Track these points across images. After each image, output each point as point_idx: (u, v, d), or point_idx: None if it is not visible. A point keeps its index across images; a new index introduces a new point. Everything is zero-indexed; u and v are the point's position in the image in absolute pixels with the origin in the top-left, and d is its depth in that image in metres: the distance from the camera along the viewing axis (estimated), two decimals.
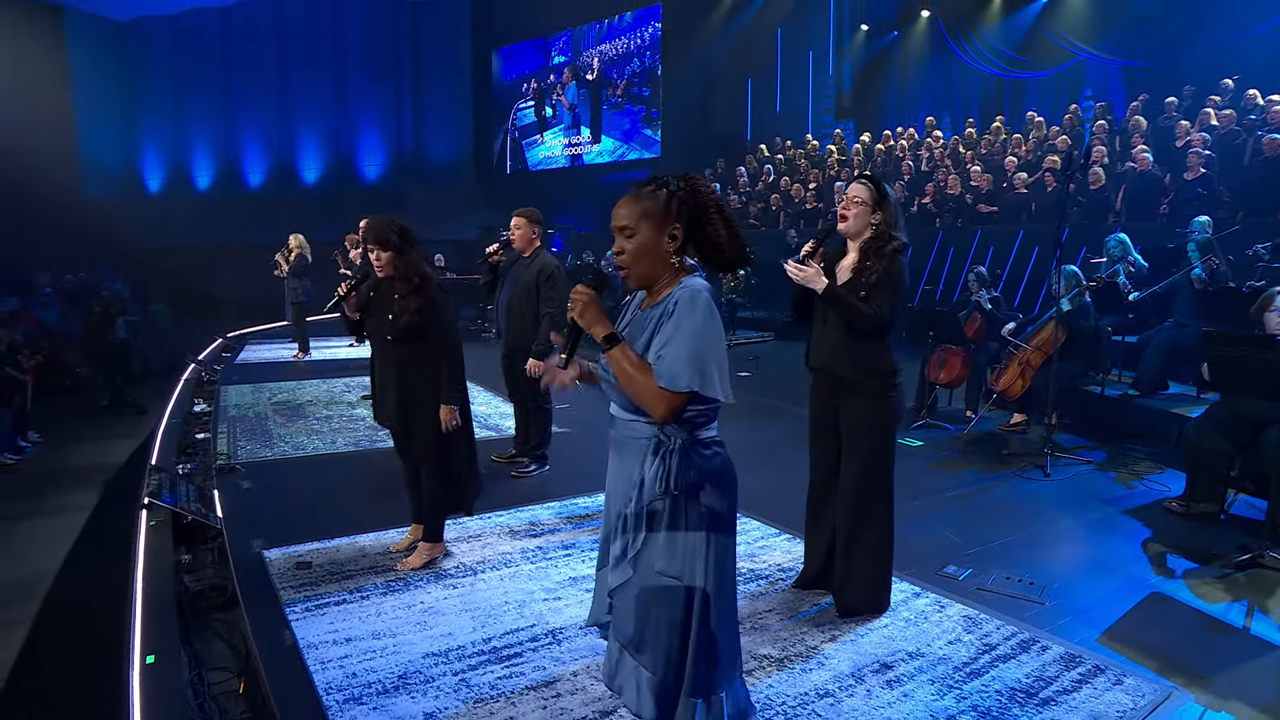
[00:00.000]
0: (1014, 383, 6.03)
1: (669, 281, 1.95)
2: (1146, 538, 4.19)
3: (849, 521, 3.23)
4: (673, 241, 1.92)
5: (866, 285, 3.09)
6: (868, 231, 3.16)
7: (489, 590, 3.52)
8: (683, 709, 1.93)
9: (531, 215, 5.13)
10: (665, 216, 1.91)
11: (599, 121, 18.92)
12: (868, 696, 2.70)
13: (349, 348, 11.21)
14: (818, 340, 3.26)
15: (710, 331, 1.85)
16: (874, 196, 3.14)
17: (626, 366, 1.87)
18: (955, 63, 14.55)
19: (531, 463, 5.27)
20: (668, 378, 1.83)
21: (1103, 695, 2.70)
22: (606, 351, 1.90)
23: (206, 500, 4.69)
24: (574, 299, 1.92)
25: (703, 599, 1.91)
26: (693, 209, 1.93)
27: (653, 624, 1.92)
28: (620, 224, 1.94)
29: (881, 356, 3.16)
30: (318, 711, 2.64)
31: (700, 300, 1.86)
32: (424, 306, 3.60)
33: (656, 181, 1.95)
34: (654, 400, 1.85)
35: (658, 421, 1.88)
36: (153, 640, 3.15)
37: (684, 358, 1.83)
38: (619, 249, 1.94)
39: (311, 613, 3.31)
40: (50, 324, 14.51)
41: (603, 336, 1.90)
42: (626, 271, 1.95)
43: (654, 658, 1.93)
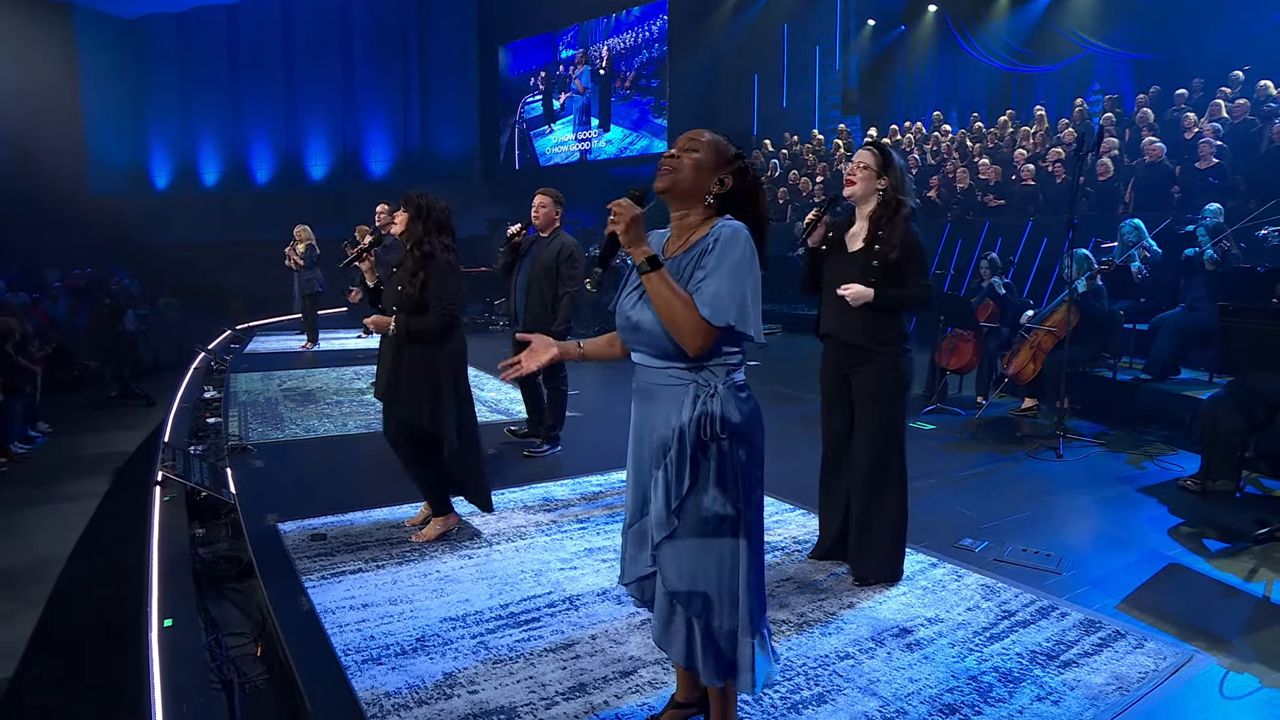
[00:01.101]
0: (1025, 366, 6.02)
1: (700, 222, 1.95)
2: (1162, 514, 4.17)
3: (864, 490, 3.23)
4: (719, 185, 1.94)
5: (886, 257, 3.10)
6: (875, 197, 3.17)
7: (505, 560, 3.51)
8: (741, 648, 1.94)
9: (555, 195, 5.15)
10: (726, 162, 1.96)
11: (608, 112, 18.94)
12: (888, 659, 2.69)
13: (356, 339, 11.24)
14: (828, 309, 3.27)
15: (751, 270, 1.85)
16: (879, 161, 3.16)
17: (667, 293, 1.83)
18: (962, 57, 14.52)
19: (544, 443, 5.27)
20: (710, 309, 1.82)
21: (1124, 658, 2.68)
22: (646, 274, 1.85)
23: (219, 478, 4.71)
24: (617, 212, 1.85)
25: (748, 538, 1.93)
26: (750, 187, 1.99)
27: (705, 570, 1.93)
28: (690, 138, 1.96)
29: (894, 322, 3.19)
30: (336, 671, 2.64)
31: (742, 237, 1.87)
32: (425, 279, 3.61)
33: (734, 143, 2.01)
34: (692, 331, 1.83)
35: (690, 356, 1.87)
36: (170, 606, 3.16)
37: (727, 292, 1.82)
38: (673, 154, 1.95)
39: (328, 580, 3.31)
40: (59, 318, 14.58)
41: (645, 258, 1.85)
42: (668, 175, 1.94)
43: (708, 604, 1.93)
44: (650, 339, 1.93)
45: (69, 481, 7.72)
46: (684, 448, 1.91)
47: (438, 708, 2.40)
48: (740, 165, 1.97)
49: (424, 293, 3.63)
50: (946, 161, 11.91)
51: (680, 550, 1.94)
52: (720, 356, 1.91)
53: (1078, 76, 13.05)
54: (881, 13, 15.61)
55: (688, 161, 1.93)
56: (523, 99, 21.11)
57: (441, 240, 3.70)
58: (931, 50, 15.02)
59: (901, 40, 15.52)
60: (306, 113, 23.87)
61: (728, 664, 1.96)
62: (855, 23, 16.00)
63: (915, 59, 15.33)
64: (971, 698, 2.46)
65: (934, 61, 15.03)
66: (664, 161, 1.96)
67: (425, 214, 3.67)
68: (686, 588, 1.95)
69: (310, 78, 23.67)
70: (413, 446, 3.71)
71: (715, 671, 1.96)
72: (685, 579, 1.95)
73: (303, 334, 11.06)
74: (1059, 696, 2.46)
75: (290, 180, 23.98)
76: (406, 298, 3.64)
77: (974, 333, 6.57)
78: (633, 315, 1.97)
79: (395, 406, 3.74)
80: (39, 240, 20.27)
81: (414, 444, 3.71)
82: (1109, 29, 12.28)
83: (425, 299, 3.62)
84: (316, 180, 23.85)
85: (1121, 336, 6.33)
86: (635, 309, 1.96)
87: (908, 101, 15.45)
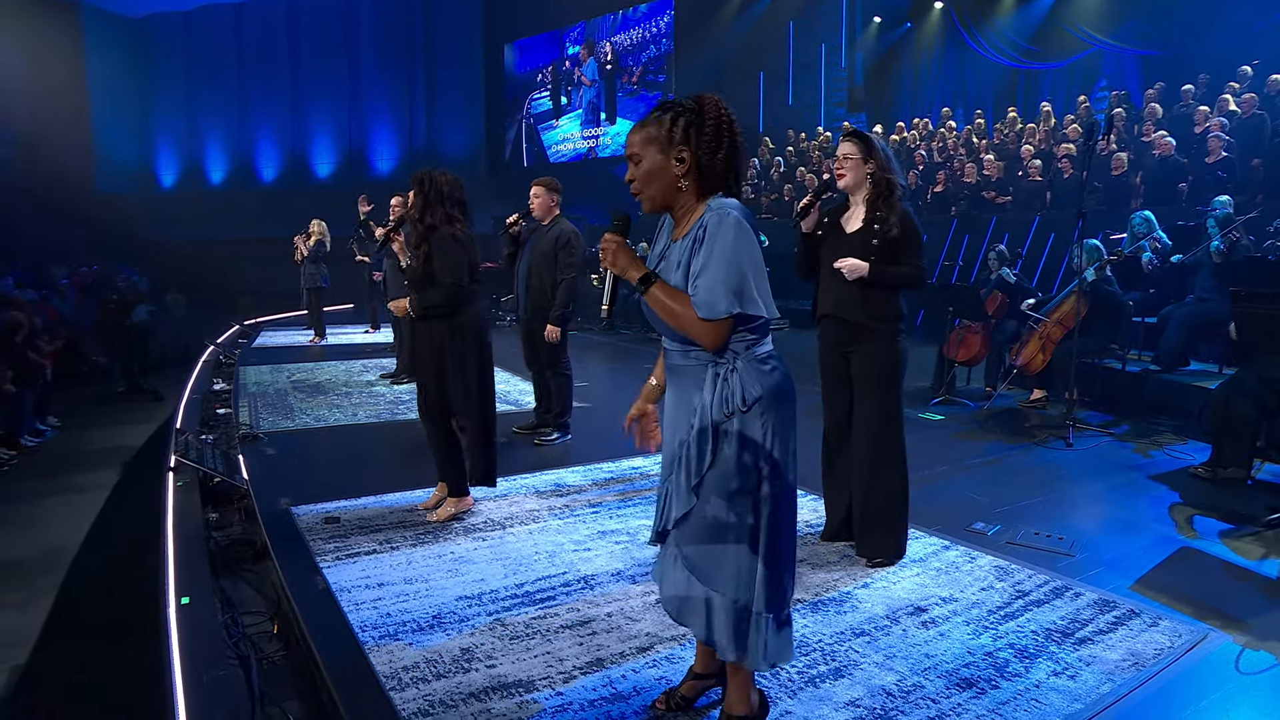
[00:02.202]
0: (1035, 357, 6.02)
1: (692, 206, 1.95)
2: (1174, 500, 4.17)
3: (866, 468, 3.28)
4: (680, 165, 1.91)
5: (884, 236, 3.17)
6: (866, 183, 3.25)
7: (519, 542, 3.53)
8: (755, 625, 1.94)
9: (550, 184, 5.18)
10: (669, 141, 1.90)
11: (614, 106, 18.97)
12: (904, 635, 2.70)
13: (364, 334, 11.28)
14: (827, 288, 3.33)
15: (741, 250, 1.84)
16: (861, 148, 3.24)
17: (667, 303, 1.89)
18: (968, 54, 14.49)
19: (554, 431, 5.28)
20: (706, 307, 1.84)
21: (1139, 636, 2.69)
22: (645, 293, 1.92)
23: (232, 464, 4.73)
24: (604, 249, 1.94)
25: (770, 512, 1.93)
26: (702, 131, 1.90)
27: (722, 545, 1.93)
28: (629, 151, 1.96)
29: (892, 301, 3.27)
30: (354, 647, 2.66)
31: (728, 220, 1.85)
32: (428, 252, 3.63)
33: (665, 105, 1.95)
34: (699, 332, 1.87)
35: (709, 349, 1.89)
36: (186, 586, 3.18)
37: (719, 283, 1.83)
38: (630, 176, 1.96)
39: (342, 561, 3.33)
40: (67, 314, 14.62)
41: (638, 279, 1.92)
42: (639, 196, 1.97)
43: (725, 578, 1.94)
44: (667, 325, 1.96)
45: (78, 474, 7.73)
46: (705, 425, 1.93)
47: (456, 681, 2.41)
48: (682, 126, 1.90)
49: (428, 266, 3.65)
50: (953, 158, 11.91)
51: (699, 526, 1.96)
52: (737, 333, 1.91)
53: (1084, 73, 13.02)
54: (887, 10, 15.60)
55: (640, 176, 1.94)
56: (529, 95, 21.12)
57: (446, 212, 3.68)
58: (938, 47, 15.01)
59: (907, 37, 15.50)
60: (312, 110, 23.93)
61: (743, 639, 1.96)
62: (861, 20, 15.99)
63: (921, 56, 15.32)
64: (988, 672, 2.46)
65: (940, 59, 15.01)
66: (631, 188, 1.98)
67: (428, 188, 3.69)
68: (704, 564, 1.96)
69: (316, 76, 23.73)
70: (435, 423, 3.74)
71: (730, 646, 1.97)
72: (703, 555, 1.96)
73: (310, 329, 11.10)
74: (1075, 671, 2.47)
75: (296, 178, 24.03)
76: (414, 273, 3.67)
77: (982, 325, 6.57)
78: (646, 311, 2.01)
79: (420, 383, 3.77)
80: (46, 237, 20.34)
81: (435, 420, 3.73)
82: (1115, 25, 12.26)
83: (430, 272, 3.64)
84: (322, 178, 23.91)
85: (1130, 328, 6.33)
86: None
87: (913, 99, 15.43)
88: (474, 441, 3.82)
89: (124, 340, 11.17)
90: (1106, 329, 6.05)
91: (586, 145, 19.90)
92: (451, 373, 3.71)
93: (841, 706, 2.28)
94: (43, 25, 21.83)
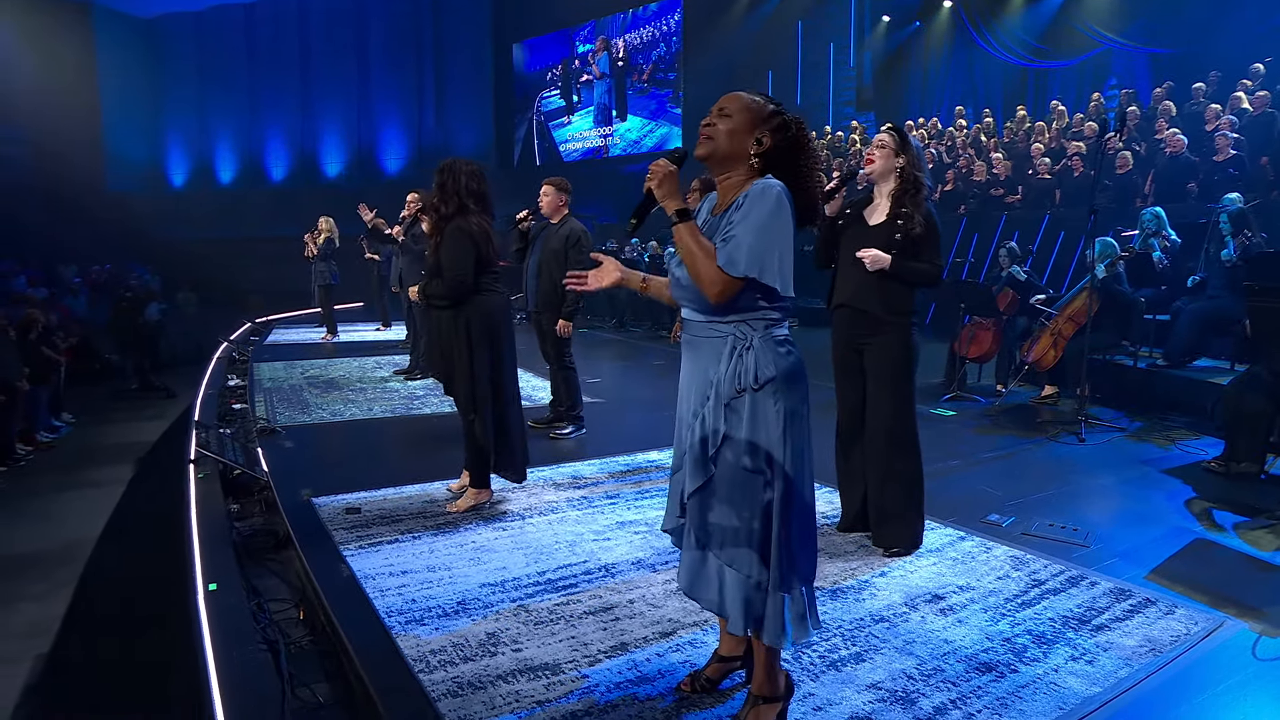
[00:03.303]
0: (1046, 353, 6.04)
1: (743, 182, 2.00)
2: (1187, 493, 4.20)
3: (882, 459, 3.31)
4: (758, 145, 1.98)
5: (907, 232, 3.21)
6: (893, 175, 3.29)
7: (539, 532, 3.57)
8: (771, 602, 1.97)
9: (560, 183, 5.28)
10: (762, 121, 1.99)
11: (625, 103, 19.04)
12: (922, 622, 2.73)
13: (375, 331, 11.34)
14: (844, 279, 3.37)
15: (775, 223, 1.89)
16: (897, 141, 3.31)
17: (690, 243, 1.93)
18: (977, 53, 14.49)
19: (569, 425, 5.33)
20: (726, 259, 1.89)
21: (1155, 623, 2.72)
22: (674, 225, 1.96)
23: (251, 457, 4.79)
24: (653, 170, 1.99)
25: (783, 491, 1.96)
26: (791, 141, 2.01)
27: (736, 520, 1.97)
28: (721, 105, 2.02)
29: (907, 296, 3.31)
30: (381, 632, 2.70)
31: (771, 194, 1.91)
32: (439, 243, 3.68)
33: (777, 102, 2.04)
34: (710, 281, 1.91)
35: (712, 302, 1.93)
36: (211, 574, 3.22)
37: (745, 245, 1.88)
38: (710, 121, 2.01)
39: (365, 550, 3.38)
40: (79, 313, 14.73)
41: (675, 210, 1.96)
42: (706, 142, 2.02)
43: (739, 554, 1.98)
44: (691, 293, 2.02)
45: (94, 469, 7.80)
46: (719, 398, 1.97)
47: (483, 664, 2.45)
48: (778, 121, 2.01)
49: (437, 255, 3.69)
50: (961, 156, 11.92)
51: (713, 498, 2.00)
52: (758, 311, 1.96)
53: (1094, 71, 13.01)
54: (896, 9, 15.60)
55: (722, 128, 1.99)
56: (540, 94, 21.18)
57: (461, 203, 3.70)
58: (946, 46, 15.01)
59: (916, 36, 15.51)
60: (322, 110, 24.03)
61: (756, 615, 1.99)
62: (870, 19, 16.00)
63: (930, 55, 15.32)
64: (1007, 657, 2.50)
65: (949, 58, 15.01)
66: (701, 128, 2.03)
67: (447, 178, 3.73)
68: (718, 536, 2.00)
69: (326, 76, 23.84)
70: (465, 417, 3.79)
71: (743, 620, 2.00)
72: (716, 527, 2.00)
73: (321, 326, 11.17)
74: (1093, 657, 2.50)
75: (306, 177, 24.14)
76: (428, 261, 3.72)
77: (994, 321, 6.60)
78: (676, 272, 2.06)
79: (447, 382, 3.83)
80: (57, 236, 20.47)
81: (465, 414, 3.78)
82: (1125, 23, 12.25)
83: (439, 262, 3.68)
84: (332, 177, 24.01)
85: (1142, 325, 6.35)
86: (679, 266, 2.03)
87: (922, 98, 15.44)
88: (484, 433, 3.81)
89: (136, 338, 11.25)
90: (1118, 325, 6.07)
91: (599, 142, 19.93)
92: (456, 364, 3.75)
93: (864, 689, 2.32)
94: (54, 25, 21.98)
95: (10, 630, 4.46)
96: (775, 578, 1.98)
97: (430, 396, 6.66)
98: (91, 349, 12.06)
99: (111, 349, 11.91)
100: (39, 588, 5.22)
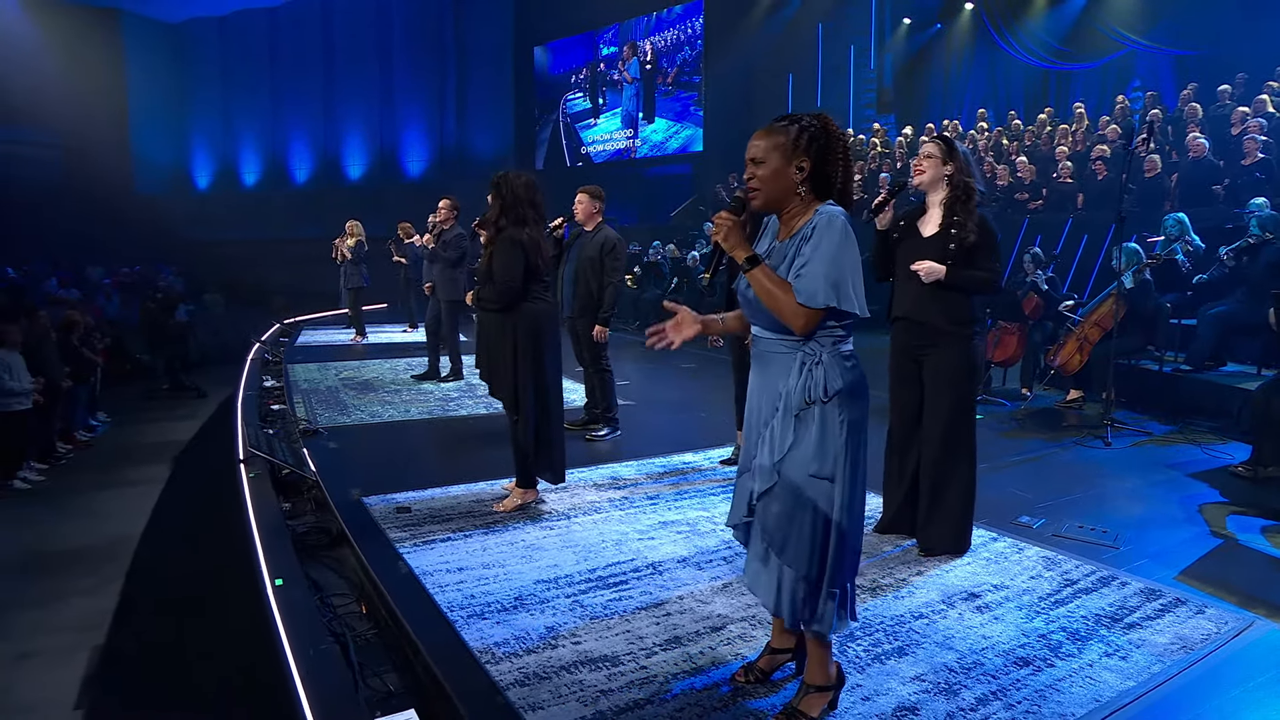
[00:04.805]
0: (1072, 357, 6.12)
1: (801, 211, 2.13)
2: (1214, 497, 4.28)
3: (935, 464, 3.40)
4: (800, 173, 2.10)
5: (962, 241, 3.28)
6: (943, 184, 3.37)
7: (585, 531, 3.71)
8: (824, 599, 2.12)
9: (594, 191, 5.42)
10: (794, 150, 2.09)
11: (652, 106, 19.18)
12: (960, 619, 2.85)
13: (402, 333, 11.53)
14: (903, 292, 3.44)
15: (845, 252, 2.03)
16: (943, 150, 3.38)
17: (768, 284, 2.07)
18: (999, 55, 14.53)
19: (604, 426, 5.47)
20: (806, 295, 2.02)
21: (1186, 622, 2.83)
22: (748, 272, 2.10)
23: (298, 457, 4.95)
24: (717, 224, 2.12)
25: (841, 497, 2.10)
26: (822, 145, 2.11)
27: (799, 523, 2.11)
28: (752, 155, 2.14)
29: (967, 305, 3.37)
30: (445, 625, 2.85)
31: (837, 224, 2.04)
32: (492, 252, 3.86)
33: (790, 118, 2.14)
34: (793, 315, 2.04)
35: (799, 335, 2.07)
36: (275, 570, 3.38)
37: (821, 275, 2.01)
38: (749, 175, 2.14)
39: (420, 548, 3.53)
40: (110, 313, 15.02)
41: (744, 258, 2.09)
42: (755, 194, 2.14)
43: (798, 554, 2.12)
44: (762, 314, 2.15)
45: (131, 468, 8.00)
46: (789, 408, 2.10)
47: (545, 656, 2.60)
48: (806, 139, 2.09)
49: (490, 264, 3.88)
50: (985, 159, 11.96)
51: (778, 502, 2.14)
52: (825, 329, 2.10)
53: (1118, 73, 13.02)
54: (917, 11, 15.66)
55: (763, 174, 2.11)
56: (564, 96, 21.32)
57: (519, 214, 3.89)
58: (968, 48, 15.05)
59: (937, 39, 15.56)
60: (345, 113, 24.35)
61: (809, 610, 2.15)
62: (890, 21, 16.06)
63: (951, 57, 15.36)
64: (1043, 652, 2.62)
65: (970, 60, 15.05)
66: (746, 183, 2.16)
67: (504, 191, 3.91)
68: (780, 537, 2.14)
69: (348, 79, 24.15)
70: (510, 418, 3.94)
71: (795, 615, 2.16)
72: (780, 529, 2.14)
73: (350, 328, 11.38)
74: (1126, 653, 2.61)
75: (328, 179, 24.47)
76: (482, 269, 3.91)
77: (1019, 326, 6.68)
78: (748, 294, 2.19)
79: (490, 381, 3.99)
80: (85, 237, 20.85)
81: (510, 416, 3.93)
82: (1149, 25, 12.26)
83: (491, 270, 3.87)
84: (354, 179, 24.32)
85: (1167, 330, 6.41)
86: (749, 287, 2.16)
87: (944, 100, 15.48)
88: (525, 434, 3.96)
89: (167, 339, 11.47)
90: (1143, 331, 6.14)
91: (625, 143, 20.04)
92: (501, 366, 3.93)
93: (908, 680, 2.45)
94: (85, 31, 22.41)
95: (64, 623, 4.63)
96: (829, 576, 2.12)
97: (465, 399, 6.83)
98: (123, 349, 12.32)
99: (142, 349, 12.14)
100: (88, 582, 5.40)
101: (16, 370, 6.78)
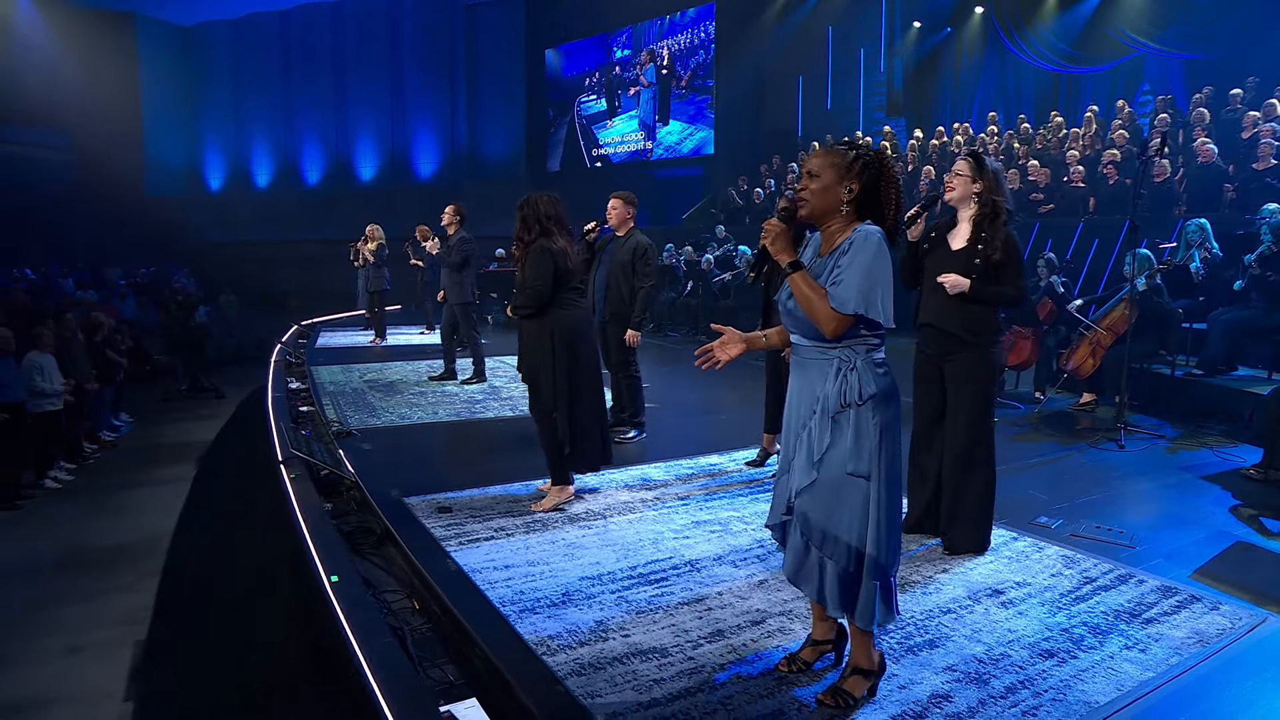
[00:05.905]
0: (1085, 361, 6.27)
1: (842, 228, 2.32)
2: (1227, 498, 4.43)
3: (957, 466, 3.56)
4: (848, 193, 2.29)
5: (988, 257, 3.46)
6: (973, 200, 3.53)
7: (621, 531, 3.88)
8: (864, 590, 2.30)
9: (627, 197, 5.56)
10: (847, 171, 2.29)
11: (668, 108, 19.35)
12: (986, 614, 3.01)
13: (420, 335, 11.70)
14: (928, 300, 3.62)
15: (878, 265, 2.21)
16: (973, 168, 3.55)
17: (804, 289, 2.26)
18: (1009, 59, 14.63)
19: (631, 429, 5.63)
20: (838, 301, 2.22)
21: (1201, 618, 2.98)
22: (789, 276, 2.30)
23: (335, 458, 5.11)
24: (767, 229, 2.32)
25: (879, 493, 2.27)
26: (874, 174, 2.30)
27: (837, 518, 2.29)
28: (808, 169, 2.34)
29: (990, 316, 3.54)
30: (499, 619, 3.01)
31: (872, 240, 2.23)
32: (523, 263, 4.11)
33: (850, 143, 2.34)
34: (825, 319, 2.24)
35: (829, 339, 2.25)
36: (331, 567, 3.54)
37: (854, 286, 2.20)
38: (803, 186, 2.34)
39: (465, 546, 3.69)
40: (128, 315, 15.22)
41: (788, 262, 2.30)
42: (804, 204, 2.33)
43: (838, 548, 2.29)
44: (801, 323, 2.34)
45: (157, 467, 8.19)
46: (827, 411, 2.28)
47: (597, 648, 2.76)
48: (860, 165, 2.29)
49: (522, 273, 4.16)
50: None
51: (817, 498, 2.31)
52: (859, 337, 2.28)
53: (1128, 77, 13.12)
54: (927, 15, 15.76)
55: (815, 187, 2.31)
56: (577, 99, 21.46)
57: (544, 228, 4.16)
58: (978, 52, 15.15)
59: (947, 42, 15.67)
60: (356, 115, 24.56)
61: (851, 600, 2.33)
62: (900, 25, 16.18)
63: (961, 61, 15.47)
64: (1066, 645, 2.78)
65: (980, 63, 15.16)
66: (798, 192, 2.36)
67: (527, 212, 4.20)
68: (820, 531, 2.32)
69: (359, 81, 24.36)
70: (538, 414, 4.13)
71: (839, 605, 2.34)
72: (819, 524, 2.32)
73: (368, 329, 11.55)
74: (1145, 646, 2.77)
75: (340, 181, 24.68)
76: (518, 280, 4.20)
77: (1033, 330, 6.82)
78: (788, 304, 2.37)
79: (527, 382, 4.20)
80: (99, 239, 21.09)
81: (536, 411, 4.16)
82: (1160, 29, 12.34)
83: (524, 279, 4.14)
84: (365, 182, 24.52)
85: (1179, 335, 6.54)
86: (789, 300, 2.34)
87: (953, 103, 15.59)
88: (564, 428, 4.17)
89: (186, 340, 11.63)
90: (1156, 335, 6.28)
91: (640, 145, 20.18)
92: (539, 367, 4.15)
93: (940, 670, 2.61)
94: (99, 34, 22.65)
95: (107, 619, 4.81)
96: (869, 568, 2.28)
97: (490, 401, 7.00)
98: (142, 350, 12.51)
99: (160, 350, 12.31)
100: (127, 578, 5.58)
101: (49, 372, 6.97)
